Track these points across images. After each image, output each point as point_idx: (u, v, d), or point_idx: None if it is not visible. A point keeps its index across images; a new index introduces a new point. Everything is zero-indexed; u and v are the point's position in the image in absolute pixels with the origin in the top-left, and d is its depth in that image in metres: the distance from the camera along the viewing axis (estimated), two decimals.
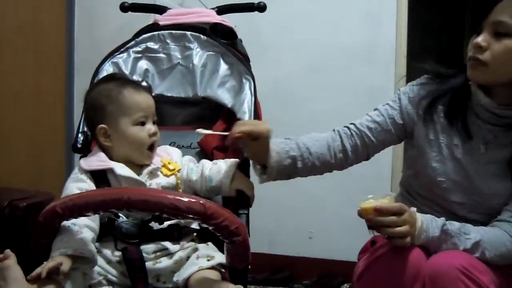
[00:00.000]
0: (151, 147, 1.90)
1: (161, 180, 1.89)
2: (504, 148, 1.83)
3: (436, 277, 1.62)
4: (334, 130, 1.99)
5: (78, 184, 1.82)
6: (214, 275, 1.72)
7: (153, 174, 1.89)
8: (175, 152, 2.01)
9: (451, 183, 1.87)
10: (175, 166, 1.94)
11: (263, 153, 1.86)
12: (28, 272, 1.57)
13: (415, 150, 1.97)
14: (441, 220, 1.75)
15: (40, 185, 3.24)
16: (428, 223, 1.72)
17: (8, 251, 1.58)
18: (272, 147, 1.87)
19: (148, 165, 1.90)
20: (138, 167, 1.90)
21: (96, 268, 1.72)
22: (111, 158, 1.88)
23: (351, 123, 1.99)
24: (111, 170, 1.85)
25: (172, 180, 1.91)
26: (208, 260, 1.75)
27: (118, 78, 1.98)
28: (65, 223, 1.67)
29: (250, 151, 1.89)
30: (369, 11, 3.40)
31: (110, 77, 2.02)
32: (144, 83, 2.04)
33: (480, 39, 1.75)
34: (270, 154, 1.86)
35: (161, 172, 1.91)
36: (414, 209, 1.75)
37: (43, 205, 1.62)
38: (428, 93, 1.94)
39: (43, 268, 1.56)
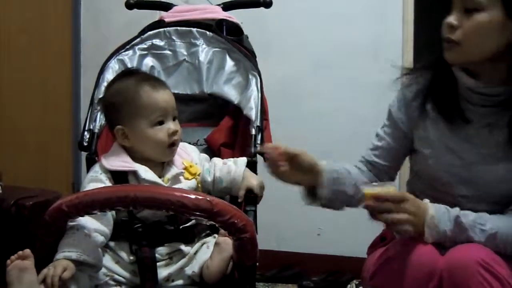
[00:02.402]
0: (172, 145, 1.87)
1: (183, 185, 1.88)
2: (502, 129, 1.76)
3: (454, 271, 1.59)
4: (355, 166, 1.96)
5: (96, 184, 1.79)
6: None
7: (176, 179, 1.88)
8: (194, 152, 1.99)
9: (450, 176, 1.82)
10: (196, 169, 1.92)
11: (311, 174, 1.81)
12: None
13: (413, 151, 1.94)
14: (455, 211, 1.71)
15: (47, 183, 3.25)
16: (440, 216, 1.68)
17: (28, 252, 1.56)
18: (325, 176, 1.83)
19: (170, 166, 1.89)
20: (160, 168, 1.89)
21: (102, 269, 1.72)
22: (132, 158, 1.86)
23: (362, 157, 1.97)
24: (133, 172, 1.83)
25: (192, 183, 1.90)
26: None
27: (135, 75, 1.93)
28: (75, 225, 1.67)
29: (297, 175, 1.81)
30: (375, 6, 3.38)
31: (127, 74, 1.96)
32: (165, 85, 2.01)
33: (452, 18, 1.69)
34: (322, 181, 1.81)
35: (183, 176, 1.89)
36: (426, 200, 1.72)
37: (50, 203, 1.62)
38: (415, 93, 1.88)
39: (52, 278, 1.56)
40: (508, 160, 1.76)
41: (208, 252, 1.76)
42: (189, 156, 1.94)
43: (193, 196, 1.52)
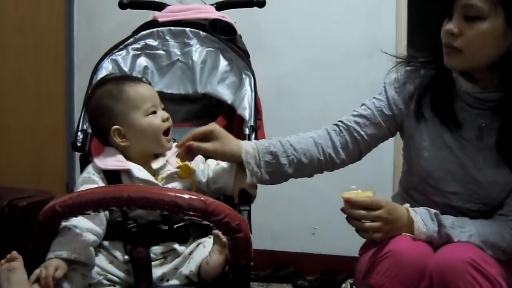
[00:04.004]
0: (167, 132, 1.88)
1: (177, 184, 1.88)
2: (495, 133, 1.78)
3: (443, 270, 1.60)
4: (321, 129, 1.96)
5: (89, 186, 1.79)
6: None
7: (170, 178, 1.88)
8: None
9: (444, 172, 1.83)
10: (190, 169, 1.92)
11: (232, 150, 1.84)
12: (28, 271, 1.57)
13: (407, 143, 1.94)
14: (433, 210, 1.73)
15: (41, 184, 3.24)
16: (423, 216, 1.71)
17: (15, 253, 1.57)
18: (248, 144, 1.86)
19: (165, 165, 1.89)
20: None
21: (95, 269, 1.71)
22: (127, 158, 1.86)
23: (339, 120, 1.96)
24: (126, 172, 1.83)
25: (187, 183, 1.90)
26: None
27: (113, 78, 1.95)
28: (66, 224, 1.67)
29: (214, 153, 1.85)
30: (369, 6, 3.39)
31: (104, 80, 1.97)
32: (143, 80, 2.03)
33: (452, 25, 1.70)
34: (244, 150, 1.83)
35: (178, 175, 1.89)
36: (407, 205, 1.75)
37: (43, 204, 1.61)
38: (416, 85, 1.90)
39: (45, 279, 1.56)
40: (499, 163, 1.78)
41: (205, 252, 1.76)
42: None
43: (187, 196, 1.52)
